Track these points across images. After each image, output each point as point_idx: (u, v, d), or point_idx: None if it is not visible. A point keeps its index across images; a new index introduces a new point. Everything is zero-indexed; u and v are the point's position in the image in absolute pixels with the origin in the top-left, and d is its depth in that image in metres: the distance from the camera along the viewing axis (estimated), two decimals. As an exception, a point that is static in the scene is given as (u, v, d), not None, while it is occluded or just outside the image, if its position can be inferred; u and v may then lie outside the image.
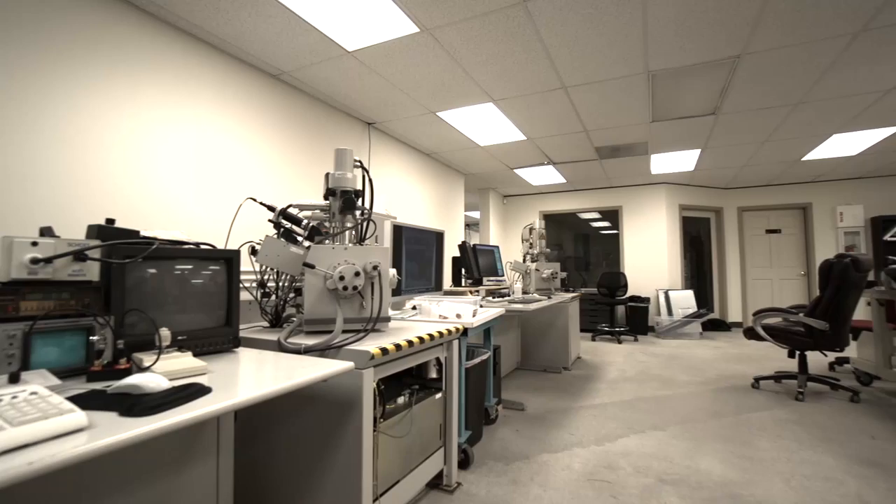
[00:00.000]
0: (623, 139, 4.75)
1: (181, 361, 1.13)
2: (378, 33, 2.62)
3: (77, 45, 2.08)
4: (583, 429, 2.85)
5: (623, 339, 6.33)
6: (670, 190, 7.12)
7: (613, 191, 7.46)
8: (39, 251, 1.11)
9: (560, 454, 2.47)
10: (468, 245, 3.82)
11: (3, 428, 0.65)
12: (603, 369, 4.55)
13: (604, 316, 6.95)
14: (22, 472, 0.60)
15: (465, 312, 2.22)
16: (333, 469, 1.48)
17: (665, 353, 5.38)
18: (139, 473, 1.12)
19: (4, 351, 1.02)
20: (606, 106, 3.79)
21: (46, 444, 0.67)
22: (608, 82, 3.31)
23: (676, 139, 4.77)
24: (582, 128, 4.37)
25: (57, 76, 2.00)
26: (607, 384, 3.95)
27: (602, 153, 5.30)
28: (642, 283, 7.13)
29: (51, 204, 1.97)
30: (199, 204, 2.61)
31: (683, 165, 5.92)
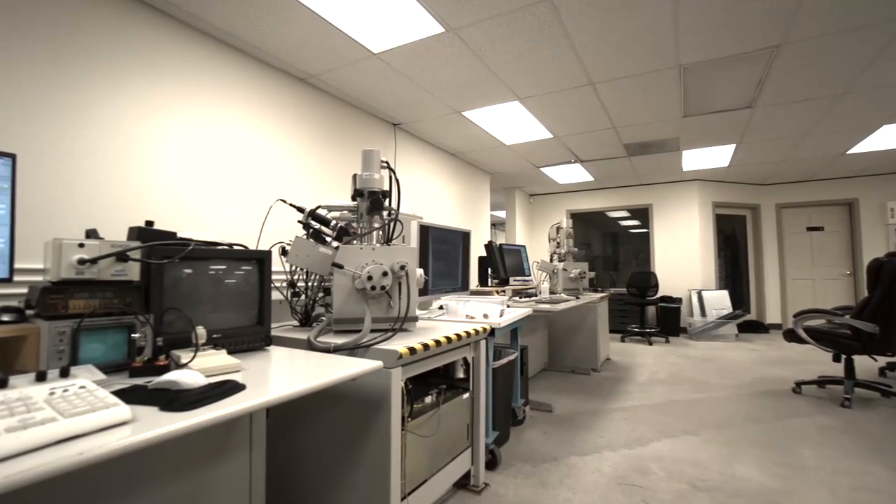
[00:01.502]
0: (653, 135, 4.63)
1: (216, 359, 1.17)
2: (403, 35, 2.63)
3: (119, 56, 2.17)
4: (612, 431, 2.79)
5: (654, 341, 6.17)
6: (703, 187, 6.89)
7: (643, 188, 7.28)
8: (86, 252, 1.17)
9: (589, 457, 2.43)
10: (494, 245, 3.79)
11: (56, 419, 0.69)
12: (633, 371, 4.44)
13: (633, 316, 6.79)
14: (73, 461, 0.63)
15: (492, 312, 2.21)
16: (362, 466, 1.50)
17: (698, 356, 5.22)
18: (177, 466, 1.16)
19: (55, 346, 1.08)
20: (636, 101, 3.70)
21: (94, 435, 0.70)
22: (637, 77, 3.23)
23: (709, 134, 4.62)
24: (610, 124, 4.28)
25: (100, 86, 2.10)
26: (638, 386, 3.85)
27: (631, 150, 5.18)
28: (674, 282, 6.93)
29: (93, 207, 2.06)
30: (231, 205, 2.69)
31: (717, 161, 5.72)
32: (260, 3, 2.31)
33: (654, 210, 7.20)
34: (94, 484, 0.99)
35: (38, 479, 0.59)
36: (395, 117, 4.05)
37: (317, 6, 2.33)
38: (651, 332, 6.28)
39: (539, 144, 4.91)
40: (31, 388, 0.79)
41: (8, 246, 1.20)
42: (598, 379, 4.15)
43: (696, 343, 6.08)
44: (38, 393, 0.77)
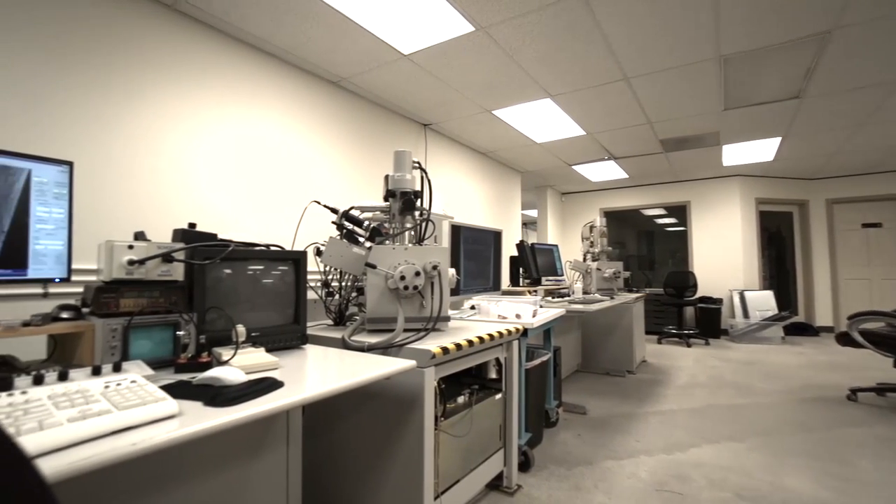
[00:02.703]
0: (691, 130, 4.46)
1: (255, 356, 1.21)
2: (433, 35, 2.64)
3: (163, 66, 2.28)
4: (650, 436, 2.71)
5: (693, 343, 5.95)
6: (745, 182, 6.59)
7: (680, 185, 7.03)
8: (134, 253, 1.23)
9: (625, 461, 2.36)
10: (526, 244, 3.76)
11: (111, 411, 0.73)
12: (671, 374, 4.30)
13: (671, 318, 6.56)
14: (127, 451, 0.66)
15: (525, 312, 2.18)
16: (395, 465, 1.51)
17: (741, 359, 4.99)
18: (218, 458, 1.21)
19: (108, 343, 1.14)
20: (672, 95, 3.58)
21: (145, 427, 0.74)
22: (674, 70, 3.12)
23: (752, 127, 4.41)
24: (645, 120, 4.15)
25: (145, 94, 2.21)
26: (676, 390, 3.73)
27: (667, 146, 5.01)
28: (714, 282, 6.65)
29: (140, 209, 2.17)
30: (266, 207, 2.77)
31: (761, 156, 5.46)
32: (294, 10, 2.37)
33: (693, 207, 6.94)
34: (142, 473, 1.04)
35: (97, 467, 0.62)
36: (425, 118, 4.07)
37: (348, 10, 2.37)
38: (689, 333, 6.06)
39: (571, 142, 4.83)
40: (88, 382, 0.84)
41: (66, 248, 1.27)
42: (634, 381, 4.03)
43: (738, 345, 5.83)
44: (95, 386, 0.81)
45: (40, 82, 1.88)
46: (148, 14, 2.23)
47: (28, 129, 1.84)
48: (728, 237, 6.63)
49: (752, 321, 6.06)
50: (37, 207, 1.21)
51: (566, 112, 3.93)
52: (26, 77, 1.84)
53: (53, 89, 1.91)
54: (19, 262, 1.19)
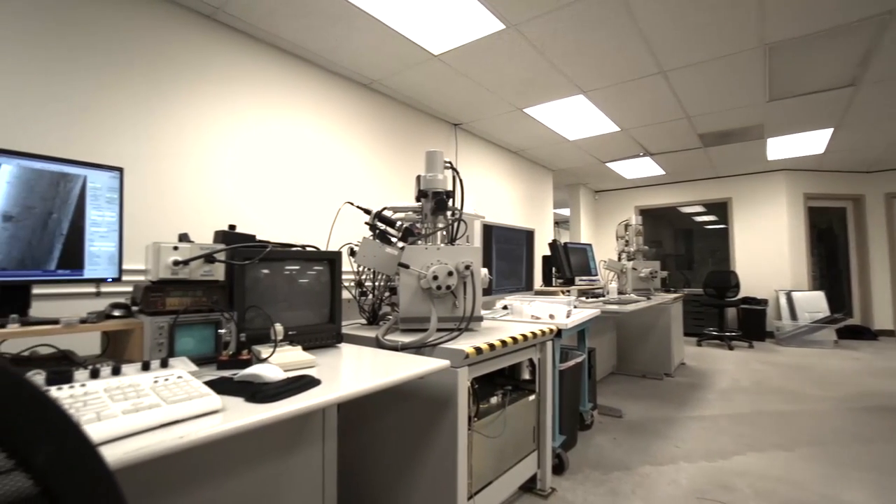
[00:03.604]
0: (732, 123, 4.27)
1: (293, 354, 1.23)
2: (463, 34, 2.63)
3: (202, 74, 2.37)
4: (690, 441, 2.61)
5: (735, 346, 5.69)
6: (792, 177, 6.25)
7: (721, 181, 6.74)
8: (179, 254, 1.28)
9: (665, 467, 2.28)
10: (559, 243, 3.70)
11: (160, 405, 0.76)
12: (711, 377, 4.13)
13: (711, 319, 6.30)
14: (175, 444, 0.69)
15: (559, 313, 2.15)
16: (428, 464, 1.52)
17: (788, 363, 4.74)
18: (258, 454, 1.24)
19: (156, 339, 1.19)
20: (712, 88, 3.43)
21: (191, 421, 0.77)
22: (714, 61, 3.00)
23: (800, 119, 4.17)
24: (683, 114, 4.01)
25: (187, 102, 2.31)
26: (718, 394, 3.57)
27: (707, 140, 4.81)
28: (758, 282, 6.34)
29: (184, 212, 2.27)
30: (301, 208, 2.84)
31: (810, 148, 5.16)
32: (326, 15, 2.42)
33: (734, 204, 6.64)
34: (185, 465, 1.08)
35: (147, 458, 0.65)
36: (455, 117, 4.07)
37: (380, 13, 2.40)
38: (732, 335, 5.80)
39: (605, 138, 4.71)
40: (139, 376, 0.88)
41: (117, 249, 1.34)
42: (672, 384, 3.90)
43: (785, 349, 5.54)
44: (145, 381, 0.85)
45: (91, 92, 1.99)
46: (189, 25, 2.33)
47: (81, 137, 1.95)
48: (773, 235, 6.31)
49: (801, 323, 5.75)
50: (91, 211, 1.29)
51: (599, 108, 3.84)
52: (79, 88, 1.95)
53: (103, 98, 2.02)
54: (76, 263, 1.26)
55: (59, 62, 1.90)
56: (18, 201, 1.14)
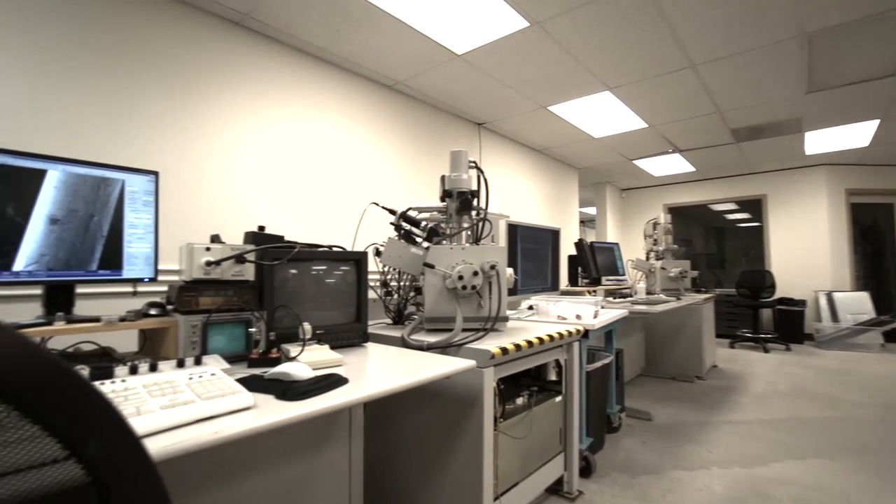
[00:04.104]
0: (767, 117, 4.11)
1: (321, 353, 1.25)
2: (486, 33, 2.62)
3: (231, 80, 2.44)
4: (723, 446, 2.52)
5: (770, 348, 5.48)
6: (833, 172, 5.96)
7: (754, 177, 6.50)
8: (211, 255, 1.32)
9: (696, 472, 2.21)
10: (585, 243, 3.64)
11: (195, 401, 0.78)
12: (746, 381, 3.98)
13: (744, 320, 6.07)
14: (210, 439, 0.70)
15: (586, 313, 2.11)
16: (454, 464, 1.51)
17: (829, 367, 4.53)
18: (286, 451, 1.26)
19: (190, 338, 1.23)
20: (745, 81, 3.31)
21: (224, 417, 0.79)
22: (748, 53, 2.89)
23: (842, 111, 3.98)
24: (714, 109, 3.88)
25: (216, 108, 2.37)
26: (752, 398, 3.45)
27: (739, 135, 4.65)
28: (795, 282, 6.08)
29: (215, 214, 2.33)
30: (326, 209, 2.88)
31: (853, 141, 4.92)
32: (351, 19, 2.45)
33: (769, 201, 6.39)
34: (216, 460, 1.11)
35: (183, 452, 0.67)
36: (479, 117, 4.06)
37: (403, 15, 2.41)
38: (767, 337, 5.58)
39: (632, 135, 4.61)
40: (175, 373, 0.91)
41: (153, 250, 1.39)
42: (704, 387, 3.78)
43: (825, 352, 5.29)
44: (180, 377, 0.88)
45: (128, 99, 2.07)
46: (218, 32, 2.40)
47: (118, 143, 2.03)
48: (812, 233, 6.04)
49: (843, 325, 5.48)
50: (129, 214, 1.34)
51: (626, 104, 3.76)
52: (117, 95, 2.04)
53: (138, 105, 2.10)
54: (116, 264, 1.31)
55: (97, 70, 1.99)
56: (64, 205, 1.20)
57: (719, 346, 5.63)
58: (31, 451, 0.25)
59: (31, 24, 1.83)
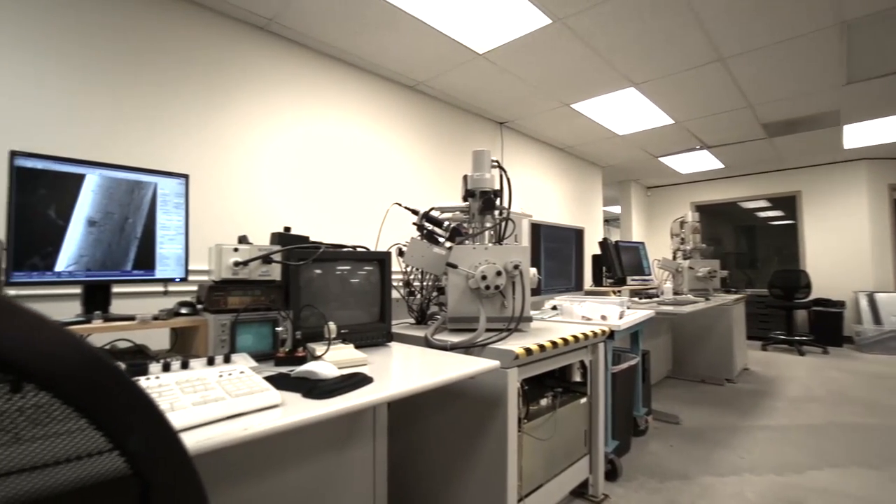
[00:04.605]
0: (802, 110, 3.95)
1: (346, 352, 1.26)
2: (508, 31, 2.60)
3: (255, 84, 2.49)
4: (756, 452, 2.44)
5: (806, 351, 5.26)
6: (875, 167, 5.69)
7: (788, 173, 6.26)
8: (239, 256, 1.35)
9: (728, 479, 2.15)
10: (609, 242, 3.57)
11: (225, 398, 0.80)
12: (779, 385, 3.84)
13: (777, 322, 5.86)
14: (240, 435, 0.72)
15: (611, 314, 2.07)
16: (478, 465, 1.51)
17: (871, 371, 4.32)
18: (311, 449, 1.28)
19: (219, 336, 1.26)
20: (778, 73, 3.19)
21: (253, 414, 0.80)
22: (781, 45, 2.78)
23: (884, 102, 3.79)
24: (745, 103, 3.76)
25: (242, 111, 2.43)
26: (787, 403, 3.32)
27: (772, 130, 4.49)
28: (833, 282, 5.83)
29: (241, 215, 2.39)
30: (349, 209, 2.91)
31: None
32: (373, 21, 2.47)
33: (804, 198, 6.15)
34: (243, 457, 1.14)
35: (215, 447, 0.69)
36: (501, 116, 4.04)
37: (424, 15, 2.42)
38: (802, 340, 5.37)
39: (657, 132, 4.51)
40: (205, 371, 0.93)
41: (184, 251, 1.43)
42: (734, 391, 3.66)
43: (866, 356, 5.05)
44: (211, 375, 0.90)
45: (159, 104, 2.14)
46: (244, 36, 2.45)
47: (149, 146, 2.10)
48: (851, 231, 5.78)
49: (886, 328, 5.22)
50: (161, 216, 1.38)
51: (652, 101, 3.68)
52: (150, 101, 2.11)
53: (167, 110, 2.17)
54: (149, 264, 1.36)
55: (130, 78, 2.06)
56: (101, 207, 1.25)
57: (751, 349, 5.45)
58: (77, 443, 0.26)
59: (71, 37, 1.91)
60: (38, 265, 1.14)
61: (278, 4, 2.31)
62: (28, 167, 1.14)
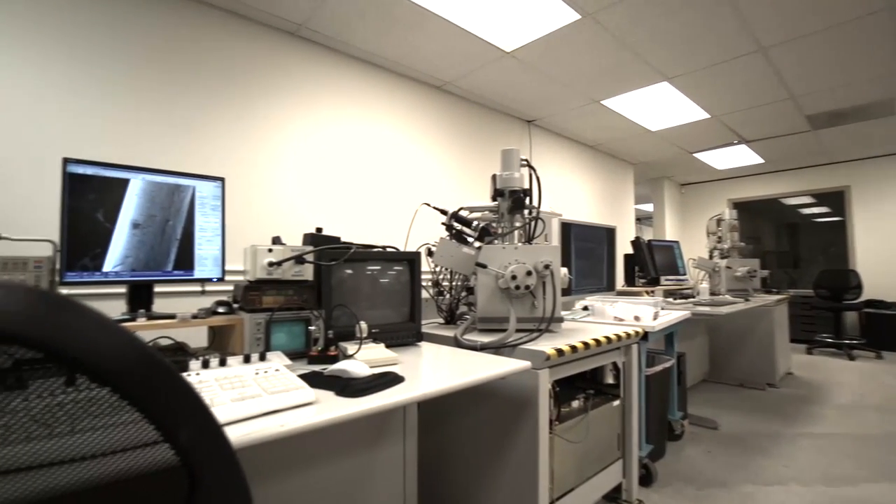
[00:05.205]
0: (851, 101, 3.74)
1: (377, 351, 1.28)
2: (536, 28, 2.57)
3: (287, 88, 2.55)
4: (802, 461, 2.32)
5: (856, 355, 4.97)
6: (930, 159, 5.32)
7: (835, 167, 5.93)
8: (273, 256, 1.38)
9: (771, 488, 2.05)
10: (642, 241, 3.48)
11: (261, 395, 0.82)
12: (827, 390, 3.65)
13: (824, 324, 5.55)
14: (276, 431, 0.73)
15: (645, 314, 2.01)
16: (508, 466, 1.49)
17: (929, 377, 4.05)
18: (342, 447, 1.30)
19: (255, 334, 1.29)
20: (824, 62, 3.03)
21: (289, 411, 0.82)
22: (828, 31, 2.64)
23: (942, 90, 3.54)
24: (787, 94, 3.58)
25: (273, 114, 2.49)
26: (836, 410, 3.15)
27: (816, 122, 4.26)
28: (887, 282, 5.47)
29: (274, 216, 2.45)
30: (378, 210, 2.94)
31: (954, 124, 4.37)
32: (401, 23, 2.48)
33: (854, 193, 5.81)
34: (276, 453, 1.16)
35: (252, 443, 0.70)
36: (529, 114, 3.99)
37: (451, 15, 2.42)
38: (852, 343, 5.07)
39: (692, 127, 4.36)
40: (242, 368, 0.96)
41: (221, 252, 1.48)
42: (777, 396, 3.50)
43: (923, 360, 4.74)
44: (247, 372, 0.92)
45: (194, 109, 2.22)
46: (275, 42, 2.52)
47: (185, 150, 2.19)
48: (906, 228, 5.42)
49: (944, 331, 4.88)
50: (199, 218, 1.43)
51: (686, 95, 3.56)
52: (187, 106, 2.19)
53: (201, 116, 2.25)
54: (188, 265, 1.41)
55: (167, 86, 2.14)
56: (144, 210, 1.30)
57: (795, 352, 5.18)
58: (131, 434, 0.28)
59: (118, 55, 2.00)
60: (88, 266, 1.20)
61: (308, 9, 2.36)
62: (79, 173, 1.20)
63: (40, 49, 1.83)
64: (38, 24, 1.83)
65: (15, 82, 1.78)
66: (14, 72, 1.78)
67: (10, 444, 0.34)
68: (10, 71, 1.77)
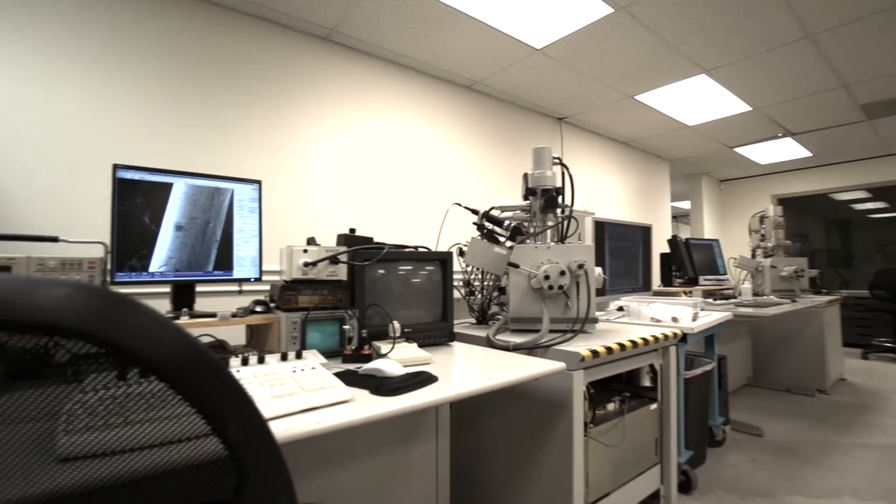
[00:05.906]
0: (910, 87, 3.49)
1: (410, 351, 1.28)
2: (567, 24, 2.53)
3: (320, 92, 2.60)
4: (857, 473, 2.18)
5: (917, 360, 4.64)
6: None
7: (892, 160, 5.55)
8: (308, 256, 1.41)
9: (823, 501, 1.94)
10: (679, 240, 3.37)
11: (299, 392, 0.84)
12: (885, 398, 3.42)
13: (882, 327, 5.21)
14: (313, 428, 0.75)
15: (683, 315, 1.94)
16: (542, 469, 1.47)
17: None
18: (377, 444, 1.31)
19: (291, 333, 1.32)
20: (881, 46, 2.84)
21: (325, 409, 0.83)
22: (886, 13, 2.47)
23: None
24: (838, 83, 3.38)
25: (306, 118, 2.54)
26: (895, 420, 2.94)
27: (872, 111, 4.00)
28: (950, 283, 5.09)
29: (308, 217, 2.50)
30: (410, 210, 2.96)
31: None
32: (430, 24, 2.49)
33: (912, 187, 5.42)
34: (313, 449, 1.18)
35: (291, 439, 0.72)
36: (559, 111, 3.93)
37: (480, 14, 2.41)
38: (912, 348, 4.74)
39: (732, 120, 4.18)
40: (279, 365, 0.98)
41: (258, 253, 1.52)
42: (828, 403, 3.31)
43: None
44: (285, 370, 0.94)
45: (231, 114, 2.30)
46: (307, 46, 2.58)
47: (223, 153, 2.26)
48: (972, 223, 5.02)
49: None
50: (237, 220, 1.48)
51: (726, 87, 3.41)
52: (223, 111, 2.27)
53: (240, 120, 2.32)
54: (227, 265, 1.45)
55: (203, 92, 2.23)
56: (186, 213, 1.36)
57: (848, 357, 4.88)
58: (182, 426, 0.29)
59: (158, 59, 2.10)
60: (136, 266, 1.26)
61: (340, 14, 2.40)
62: (127, 178, 1.26)
63: (96, 64, 1.94)
64: (88, 41, 1.94)
65: (74, 96, 1.89)
66: (72, 87, 1.89)
67: (70, 434, 0.35)
68: (69, 86, 1.88)
